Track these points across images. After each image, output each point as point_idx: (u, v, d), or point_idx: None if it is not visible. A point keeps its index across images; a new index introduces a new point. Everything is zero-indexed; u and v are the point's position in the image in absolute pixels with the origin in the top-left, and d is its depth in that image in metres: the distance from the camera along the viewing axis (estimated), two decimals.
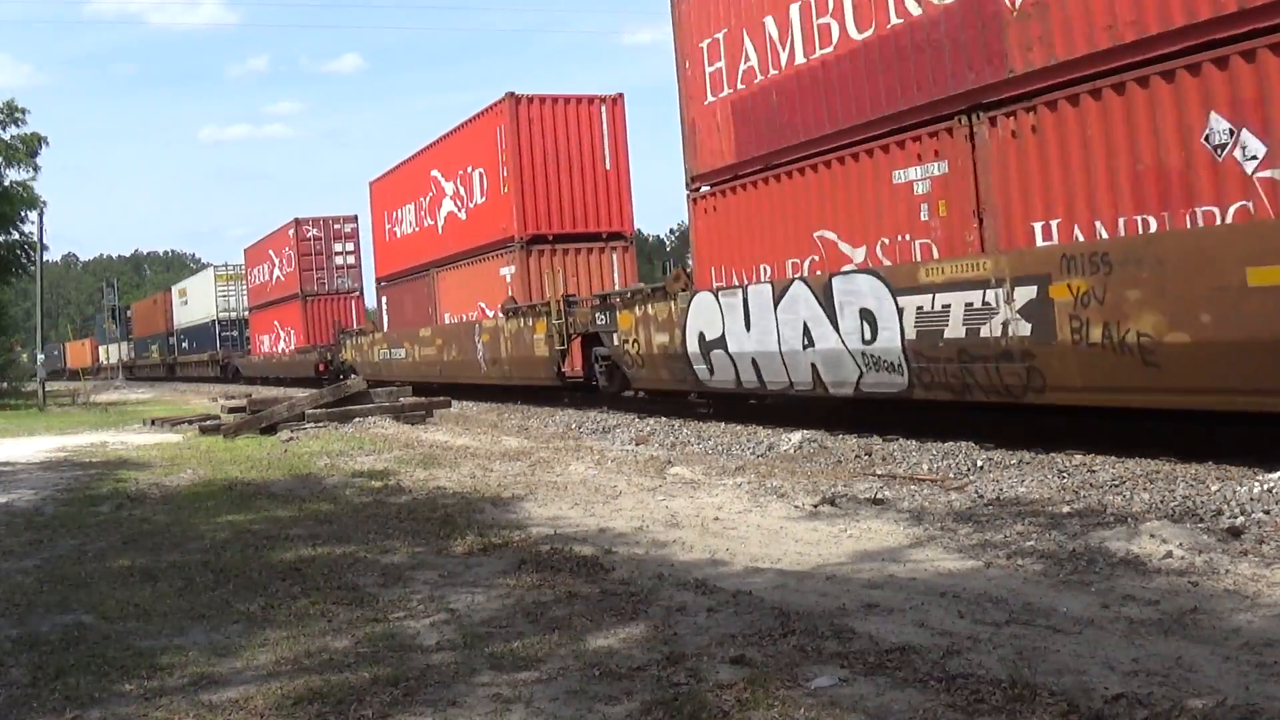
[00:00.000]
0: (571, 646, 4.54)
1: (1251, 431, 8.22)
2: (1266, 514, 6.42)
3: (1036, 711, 3.53)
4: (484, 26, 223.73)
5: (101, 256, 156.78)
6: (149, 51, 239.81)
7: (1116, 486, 7.71)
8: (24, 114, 32.89)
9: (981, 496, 7.80)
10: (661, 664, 4.22)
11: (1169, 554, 5.64)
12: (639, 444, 13.15)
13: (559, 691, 4.01)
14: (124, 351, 65.23)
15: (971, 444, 10.08)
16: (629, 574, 5.82)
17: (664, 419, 15.34)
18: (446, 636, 4.83)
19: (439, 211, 24.85)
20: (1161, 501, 7.08)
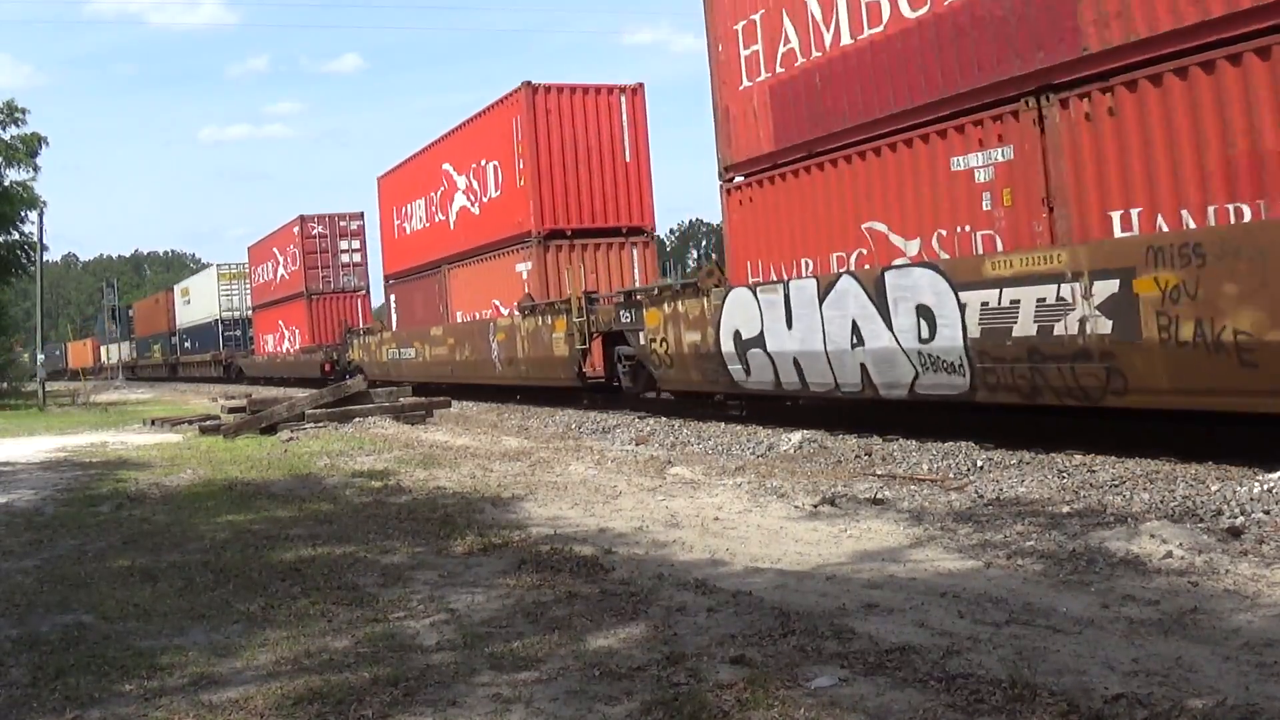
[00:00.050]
0: (571, 646, 4.54)
1: (1251, 431, 8.22)
2: (1266, 514, 6.42)
3: (1036, 711, 3.54)
4: (484, 26, 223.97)
5: (101, 256, 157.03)
6: (149, 51, 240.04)
7: (1116, 486, 7.72)
8: (24, 114, 32.94)
9: (981, 496, 7.81)
10: (661, 664, 4.22)
11: (1169, 554, 5.64)
12: (639, 444, 13.15)
13: (559, 691, 4.02)
14: (126, 351, 65.01)
15: (971, 444, 10.08)
16: (629, 574, 5.83)
17: (664, 419, 15.34)
18: (446, 636, 4.83)
19: (451, 206, 24.22)
20: (1161, 501, 7.08)
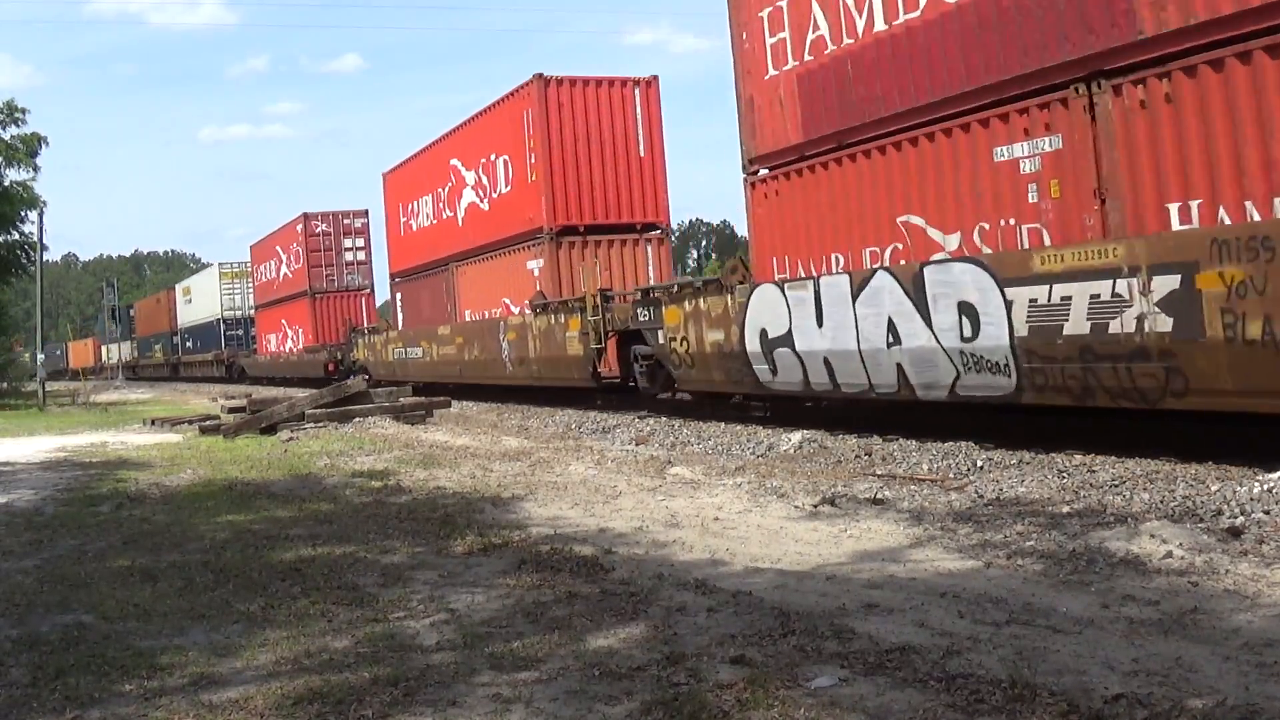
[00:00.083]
0: (571, 646, 4.54)
1: (1251, 431, 8.22)
2: (1266, 514, 6.42)
3: (1036, 711, 3.54)
4: (484, 26, 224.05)
5: (101, 256, 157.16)
6: (149, 51, 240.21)
7: (1116, 486, 7.72)
8: (24, 114, 32.98)
9: (981, 496, 7.80)
10: (661, 664, 4.22)
11: (1169, 554, 5.64)
12: (639, 444, 13.15)
13: (559, 691, 4.02)
14: (127, 351, 64.80)
15: (971, 444, 10.08)
16: (629, 574, 5.83)
17: (664, 419, 15.34)
18: (446, 636, 4.83)
19: (459, 202, 23.67)
20: (1161, 501, 7.08)
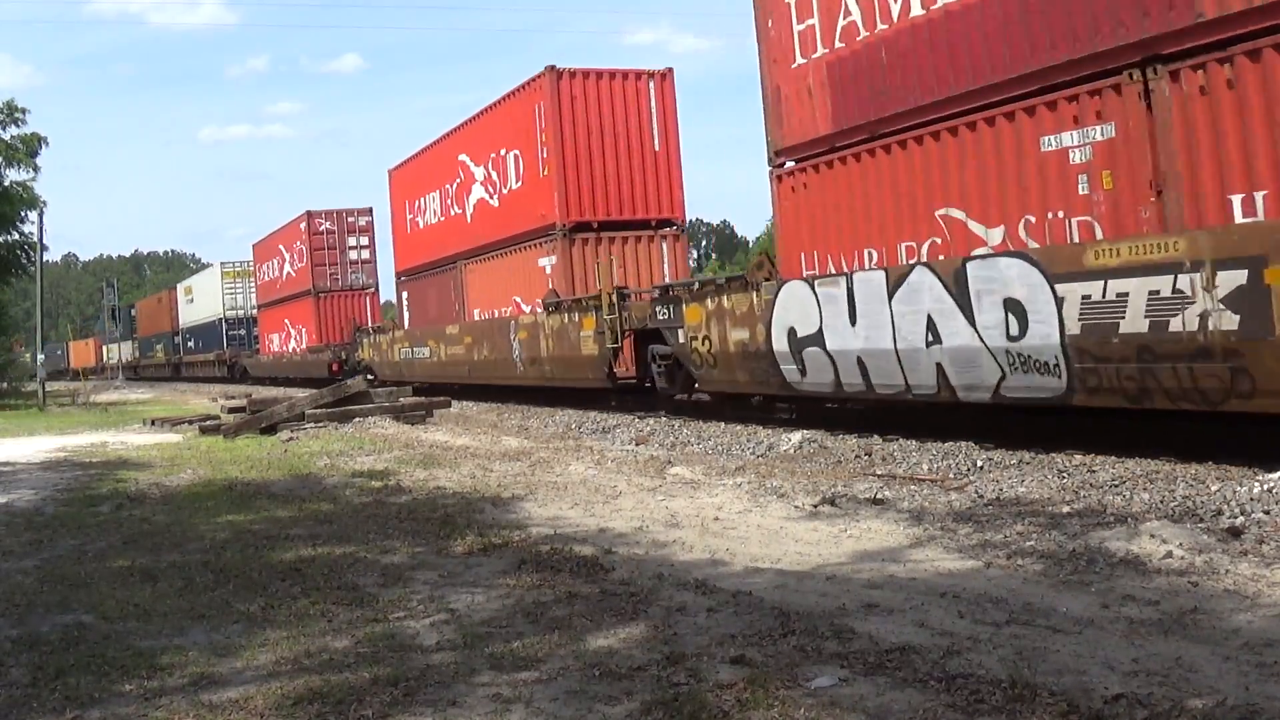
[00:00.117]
0: (571, 646, 4.54)
1: (1251, 431, 8.21)
2: (1266, 514, 6.42)
3: (1036, 711, 3.54)
4: (484, 26, 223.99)
5: (101, 256, 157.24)
6: (149, 51, 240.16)
7: (1116, 486, 7.72)
8: (24, 114, 33.04)
9: (981, 496, 7.81)
10: (661, 664, 4.22)
11: (1169, 554, 5.64)
12: (639, 444, 13.15)
13: (559, 691, 4.02)
14: (129, 351, 64.58)
15: (971, 444, 10.08)
16: (629, 574, 5.83)
17: (664, 419, 15.35)
18: (446, 636, 4.83)
19: (467, 199, 23.06)
20: (1161, 501, 7.08)
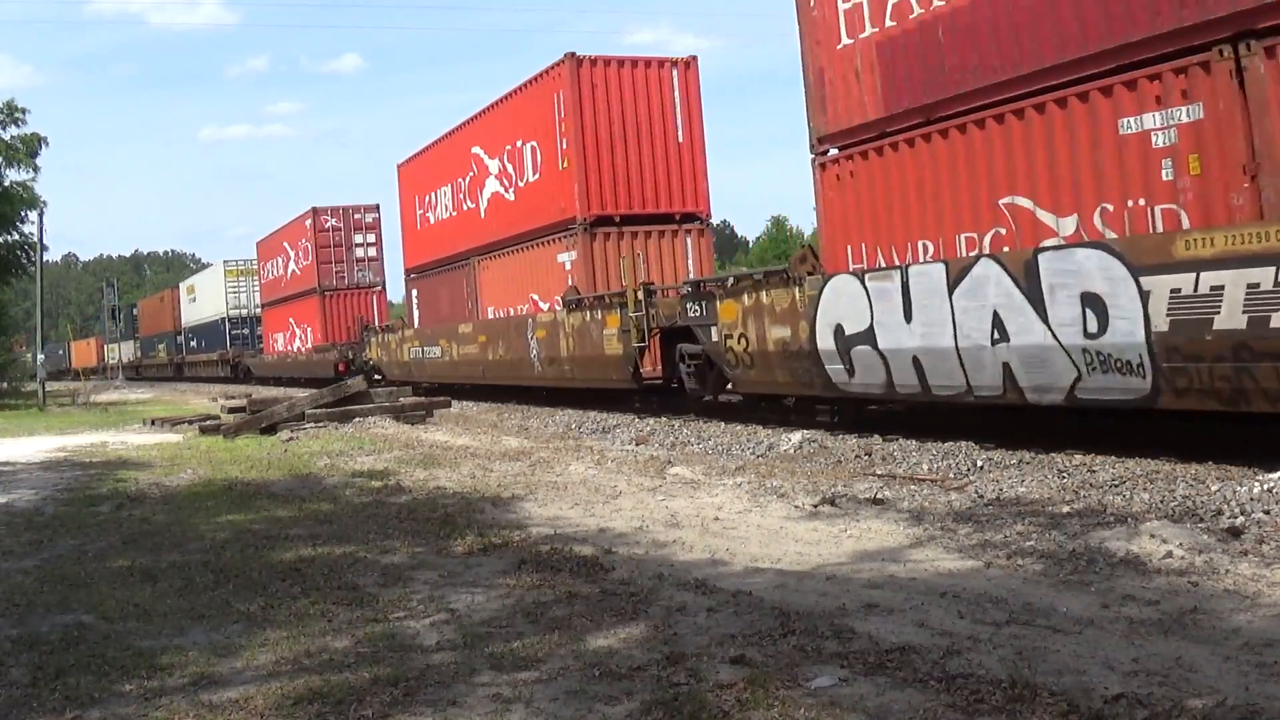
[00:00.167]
0: (571, 646, 4.54)
1: (1251, 431, 8.22)
2: (1266, 514, 6.42)
3: (1036, 711, 3.54)
4: (484, 26, 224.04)
5: (101, 256, 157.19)
6: (149, 51, 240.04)
7: (1116, 486, 7.72)
8: (24, 114, 33.01)
9: (981, 496, 7.81)
10: (661, 664, 4.23)
11: (1169, 554, 5.64)
12: (639, 444, 13.15)
13: (559, 691, 4.02)
14: (131, 351, 64.27)
15: (971, 444, 10.08)
16: (629, 574, 5.83)
17: (664, 419, 15.34)
18: (446, 636, 4.83)
19: (481, 193, 22.29)
20: (1161, 501, 7.08)
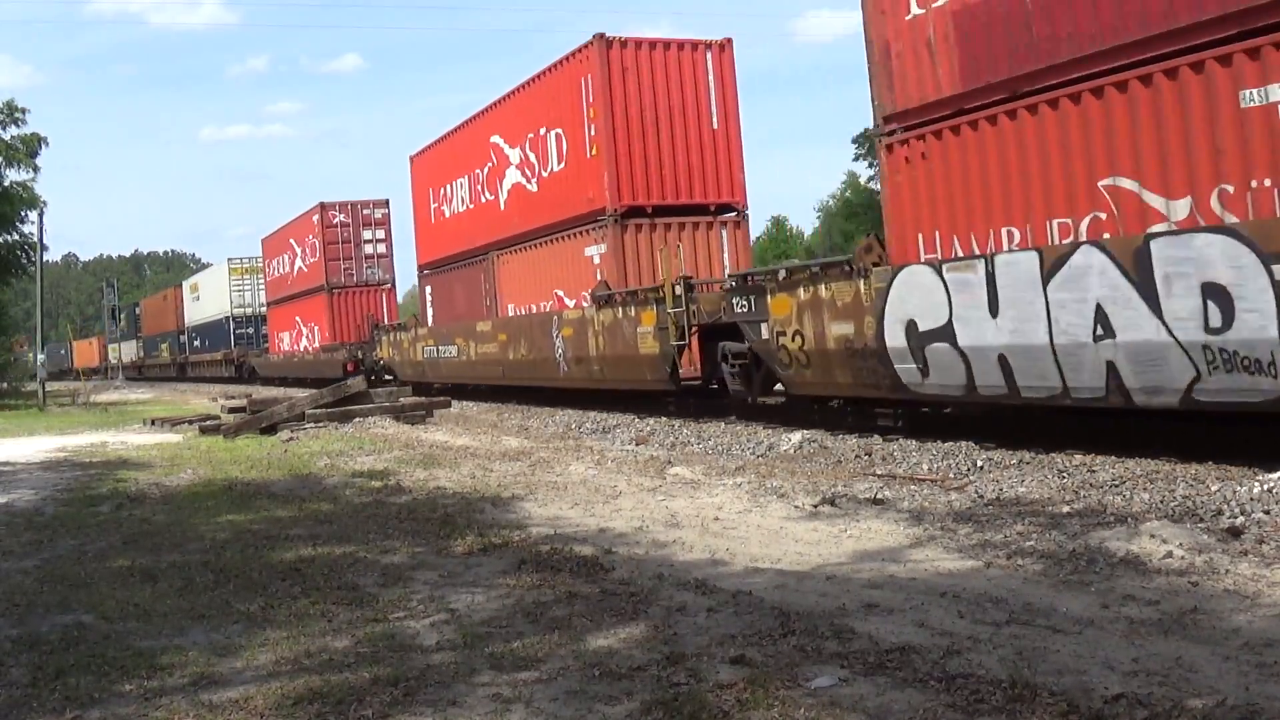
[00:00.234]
0: (571, 646, 4.55)
1: (1251, 431, 8.22)
2: (1266, 514, 6.42)
3: (1036, 711, 3.54)
4: (484, 26, 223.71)
5: (101, 256, 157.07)
6: (149, 51, 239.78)
7: (1116, 486, 7.72)
8: (24, 114, 33.05)
9: (981, 496, 7.81)
10: (661, 664, 4.23)
11: (1169, 554, 5.64)
12: (639, 444, 13.15)
13: (559, 691, 4.02)
14: (133, 350, 63.78)
15: (971, 444, 10.08)
16: (629, 574, 5.83)
17: (664, 419, 15.35)
18: (446, 636, 4.83)
19: (500, 184, 21.23)
20: (1161, 501, 7.08)
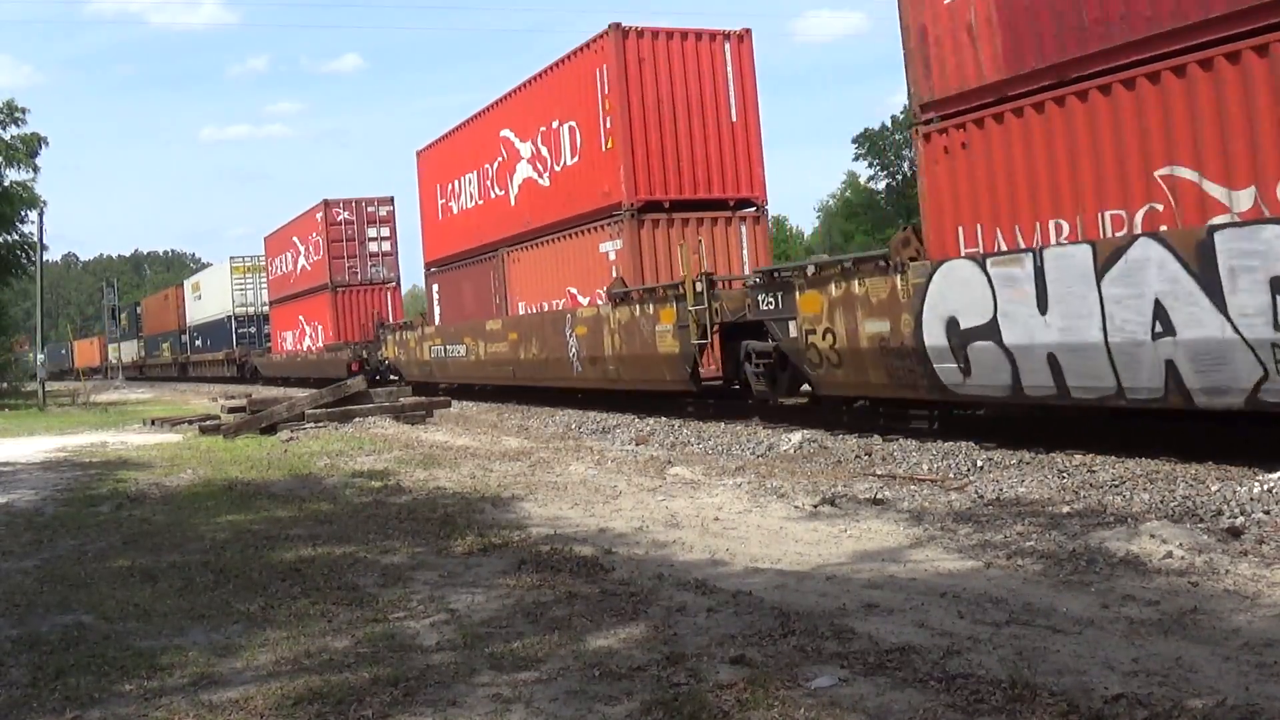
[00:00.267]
0: (571, 646, 4.54)
1: (1251, 431, 8.22)
2: (1266, 514, 6.43)
3: (1036, 711, 3.54)
4: (484, 26, 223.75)
5: (101, 256, 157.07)
6: (149, 51, 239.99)
7: (1116, 486, 7.72)
8: (24, 114, 33.12)
9: (981, 496, 7.81)
10: (661, 664, 4.23)
11: (1169, 554, 5.64)
12: (639, 444, 13.15)
13: (559, 691, 4.02)
14: (134, 350, 63.55)
15: (971, 444, 10.08)
16: (629, 574, 5.83)
17: (664, 419, 15.34)
18: (446, 636, 4.83)
19: (511, 179, 20.75)
20: (1161, 501, 7.08)
